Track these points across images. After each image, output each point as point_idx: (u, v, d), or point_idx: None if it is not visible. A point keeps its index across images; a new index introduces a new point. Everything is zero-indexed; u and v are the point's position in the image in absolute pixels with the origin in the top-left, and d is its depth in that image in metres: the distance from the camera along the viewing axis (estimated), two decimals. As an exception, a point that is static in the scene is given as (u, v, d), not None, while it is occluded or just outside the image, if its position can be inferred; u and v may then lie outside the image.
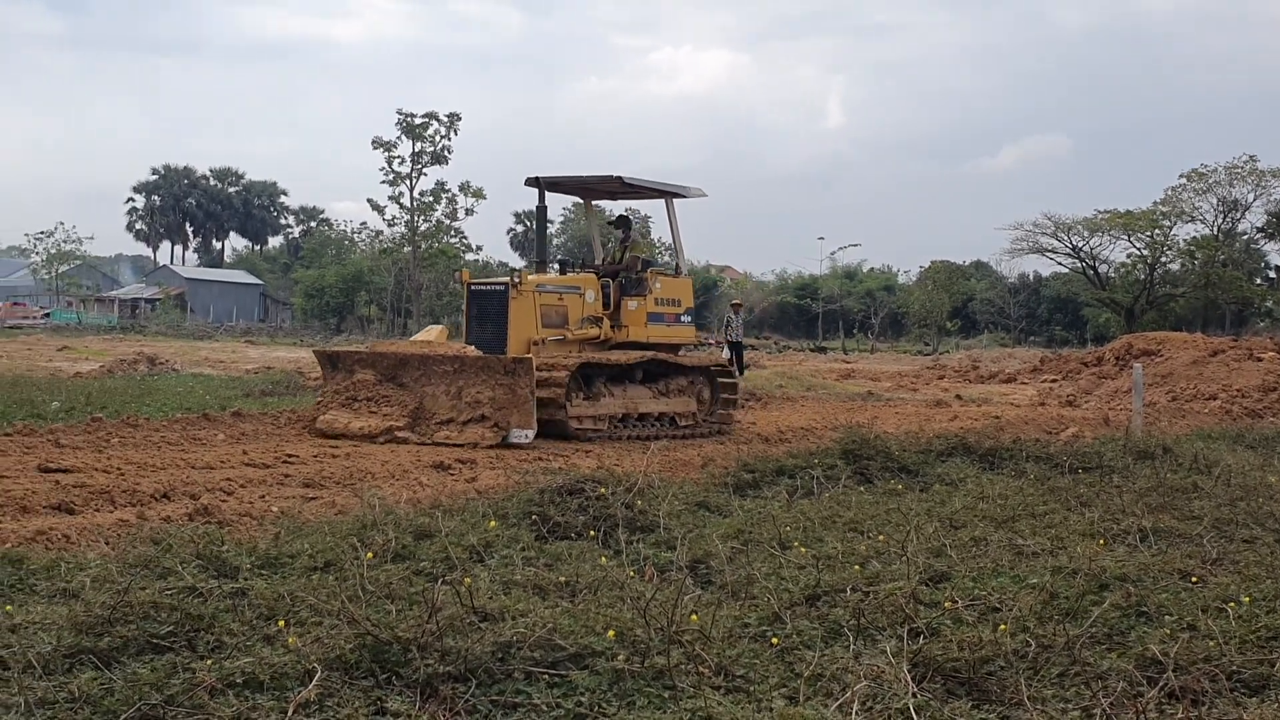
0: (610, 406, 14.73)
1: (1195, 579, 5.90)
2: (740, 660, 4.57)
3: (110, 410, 14.50)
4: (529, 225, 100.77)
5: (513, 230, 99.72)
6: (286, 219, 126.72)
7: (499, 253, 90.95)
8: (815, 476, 9.22)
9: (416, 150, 60.10)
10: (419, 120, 59.66)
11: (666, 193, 16.70)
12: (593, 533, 6.94)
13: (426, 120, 59.75)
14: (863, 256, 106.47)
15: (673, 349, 16.22)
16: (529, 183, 16.00)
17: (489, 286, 15.27)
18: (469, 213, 62.68)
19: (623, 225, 17.53)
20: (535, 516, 7.18)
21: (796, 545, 6.58)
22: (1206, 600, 5.38)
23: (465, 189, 61.81)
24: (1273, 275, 73.33)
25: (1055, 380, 28.92)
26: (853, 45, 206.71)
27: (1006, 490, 8.77)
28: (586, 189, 17.24)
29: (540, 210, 16.31)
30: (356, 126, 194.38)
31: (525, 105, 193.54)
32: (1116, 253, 69.72)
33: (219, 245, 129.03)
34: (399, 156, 60.17)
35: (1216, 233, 67.86)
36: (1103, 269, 70.67)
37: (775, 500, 8.42)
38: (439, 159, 60.46)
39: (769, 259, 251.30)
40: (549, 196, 16.20)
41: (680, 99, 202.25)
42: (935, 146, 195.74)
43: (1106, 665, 4.55)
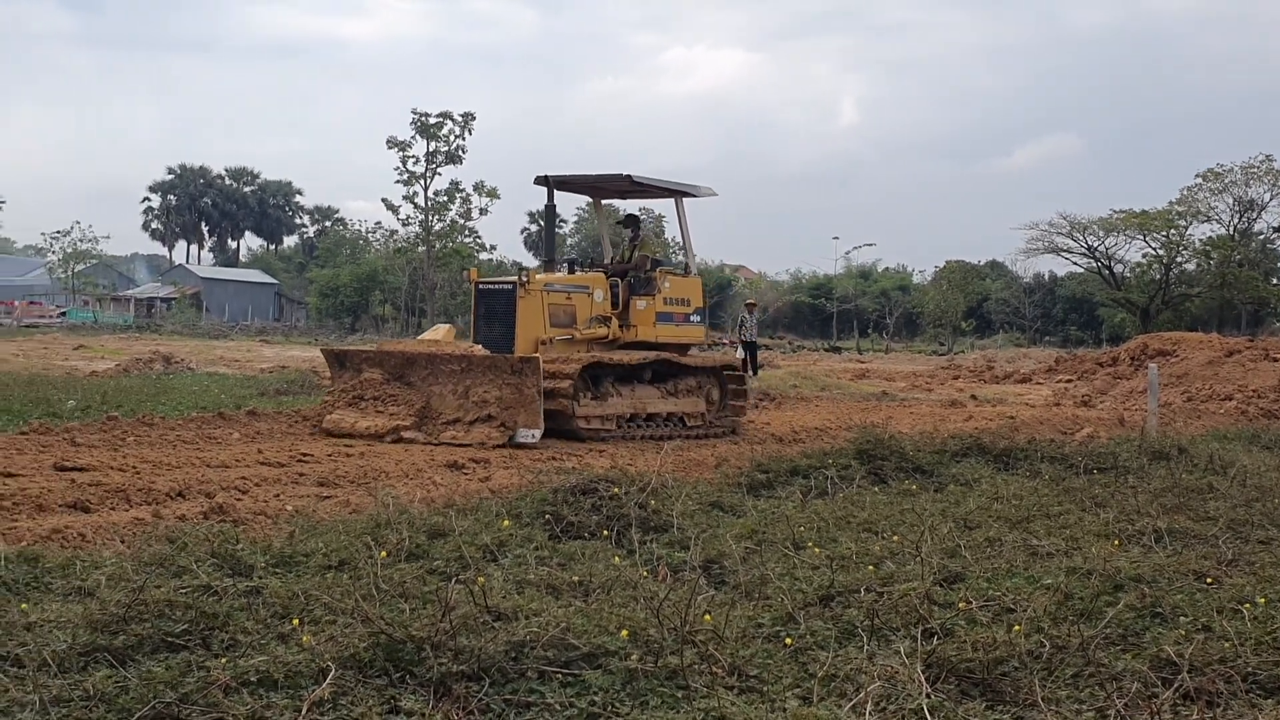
0: (618, 406, 14.65)
1: (1210, 580, 5.87)
2: (754, 660, 4.56)
3: (126, 409, 14.55)
4: (542, 225, 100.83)
5: (526, 230, 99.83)
6: (301, 218, 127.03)
7: (513, 252, 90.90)
8: (829, 477, 9.20)
9: (431, 150, 60.19)
10: (433, 120, 59.76)
11: (676, 191, 16.63)
12: (606, 532, 6.94)
13: (441, 120, 59.84)
14: (877, 256, 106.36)
15: (682, 349, 16.14)
16: (538, 181, 15.97)
17: (497, 286, 15.18)
18: (483, 212, 62.80)
19: (632, 224, 17.44)
20: (549, 516, 7.18)
21: (810, 545, 6.58)
22: (1222, 601, 5.36)
23: (479, 188, 61.89)
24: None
25: (1070, 380, 28.82)
26: (867, 44, 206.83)
27: (1021, 491, 8.76)
28: (596, 188, 17.18)
29: (549, 209, 16.30)
30: (371, 126, 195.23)
31: (539, 104, 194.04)
32: (1132, 252, 69.59)
33: (234, 244, 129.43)
34: (413, 156, 60.30)
35: (1232, 232, 67.56)
36: (1118, 269, 70.50)
37: (789, 500, 8.41)
38: (453, 158, 60.55)
39: (783, 259, 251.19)
40: (559, 196, 16.19)
41: (693, 98, 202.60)
42: (950, 146, 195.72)
43: (1121, 666, 4.54)
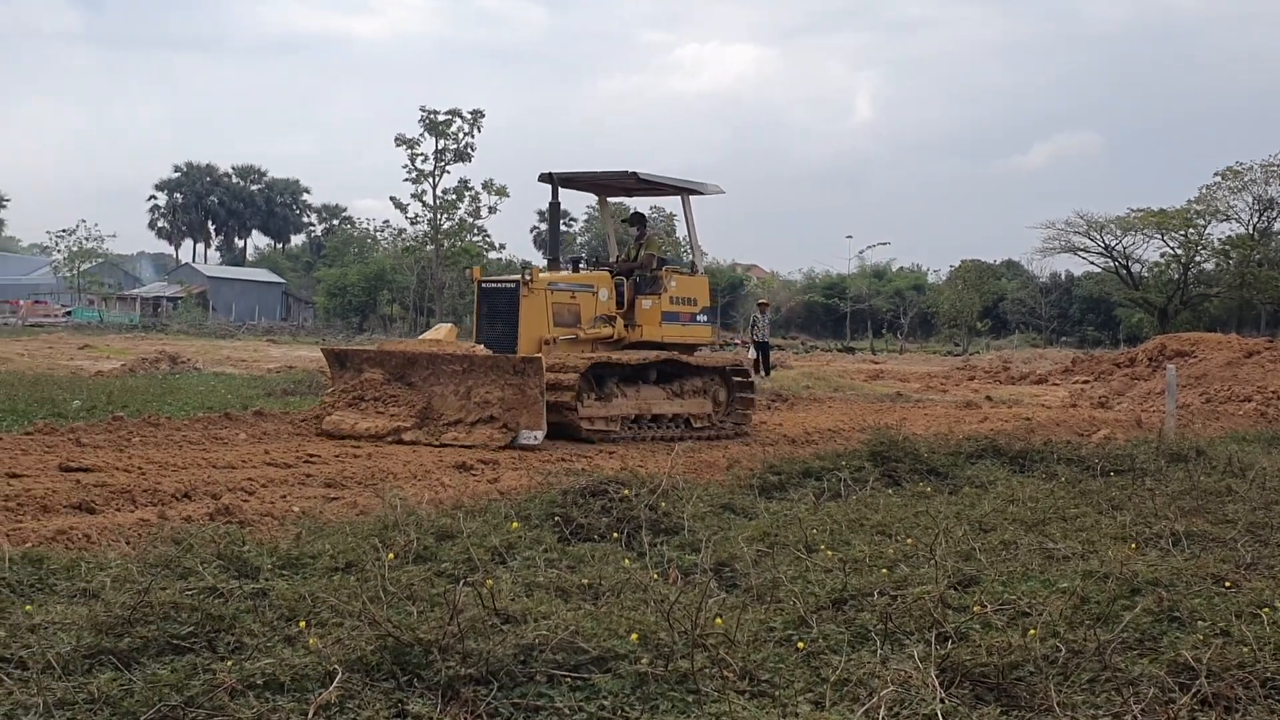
0: (623, 407, 14.53)
1: (1229, 584, 5.83)
2: (765, 665, 4.53)
3: (131, 409, 14.55)
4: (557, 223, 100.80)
5: (536, 229, 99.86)
6: (309, 217, 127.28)
7: (523, 251, 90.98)
8: (842, 478, 9.15)
9: (439, 148, 60.18)
10: (442, 117, 59.75)
11: (682, 189, 16.53)
12: (616, 535, 6.90)
13: (450, 117, 59.84)
14: (892, 255, 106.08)
15: (688, 349, 16.03)
16: (542, 179, 15.88)
17: (500, 284, 15.07)
18: (492, 211, 62.75)
19: (638, 223, 17.37)
20: (558, 518, 7.14)
21: (823, 548, 6.53)
22: (1240, 605, 5.31)
23: (488, 187, 61.89)
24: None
25: (1087, 381, 28.78)
26: (882, 41, 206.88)
27: (1037, 493, 8.72)
28: (601, 185, 17.07)
29: (553, 206, 16.17)
30: (379, 124, 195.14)
31: (548, 102, 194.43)
32: (1150, 252, 69.48)
33: (241, 243, 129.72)
34: (422, 154, 60.29)
35: (1252, 231, 67.35)
36: (1136, 268, 70.39)
37: (802, 502, 8.38)
38: (462, 156, 60.55)
39: (796, 258, 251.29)
40: (567, 194, 16.11)
41: (705, 95, 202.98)
42: (965, 144, 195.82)
43: (1138, 671, 4.49)
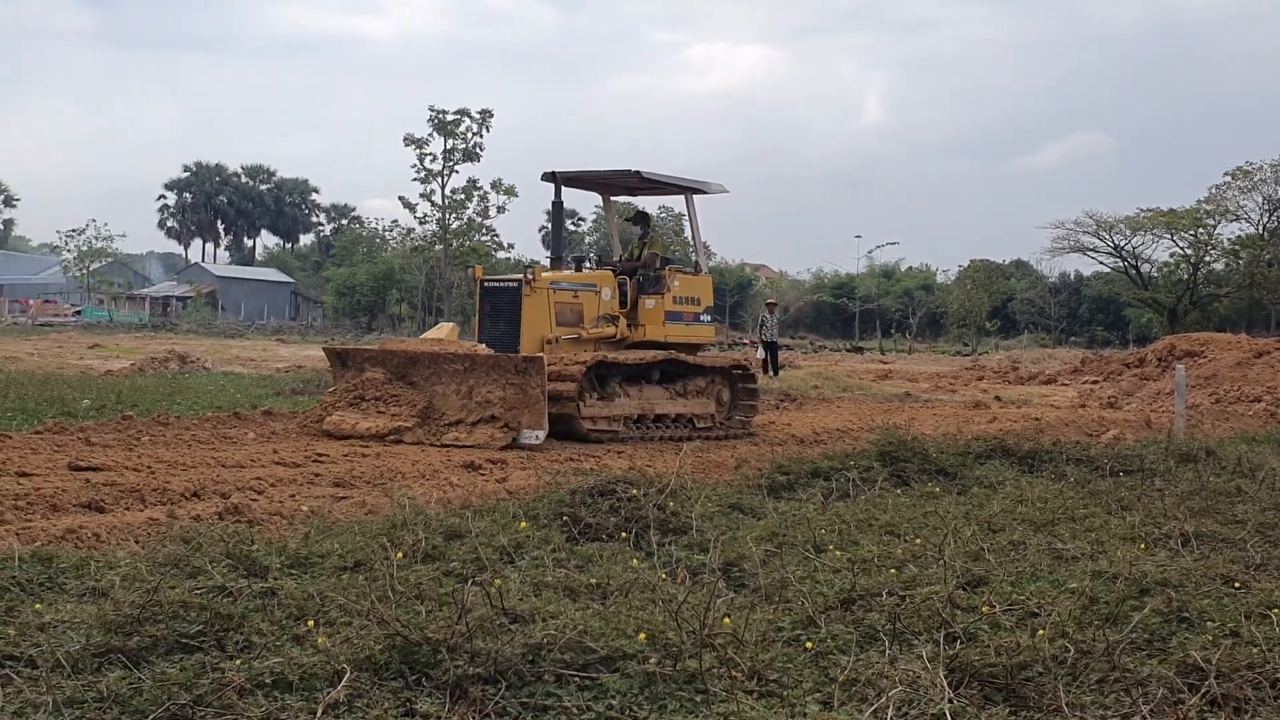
0: (625, 407, 14.47)
1: (1238, 584, 5.81)
2: (774, 665, 4.52)
3: (141, 408, 14.56)
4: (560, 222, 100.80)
5: (544, 228, 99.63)
6: (318, 216, 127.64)
7: (531, 250, 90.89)
8: (851, 478, 9.14)
9: (448, 147, 60.22)
10: (451, 117, 59.78)
11: (686, 188, 16.47)
12: (624, 534, 6.89)
13: (458, 117, 59.87)
14: (901, 255, 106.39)
15: (691, 349, 15.95)
16: (545, 177, 15.81)
17: (502, 283, 15.01)
18: (500, 210, 62.80)
19: (641, 222, 17.33)
20: (566, 517, 7.13)
21: (831, 548, 6.52)
22: (1250, 606, 5.30)
23: (497, 186, 61.94)
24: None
25: (1096, 382, 28.73)
26: (892, 41, 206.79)
27: (1046, 493, 8.70)
28: (604, 184, 16.97)
29: (556, 206, 16.04)
30: (388, 123, 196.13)
31: (557, 102, 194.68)
32: (1159, 252, 69.50)
33: (250, 243, 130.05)
34: (430, 154, 60.32)
35: (1262, 231, 67.25)
36: (1145, 268, 70.34)
37: (810, 502, 8.36)
38: (471, 156, 60.57)
39: (805, 257, 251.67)
40: (573, 193, 16.04)
41: (714, 95, 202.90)
42: (975, 144, 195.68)
43: (1147, 672, 4.48)
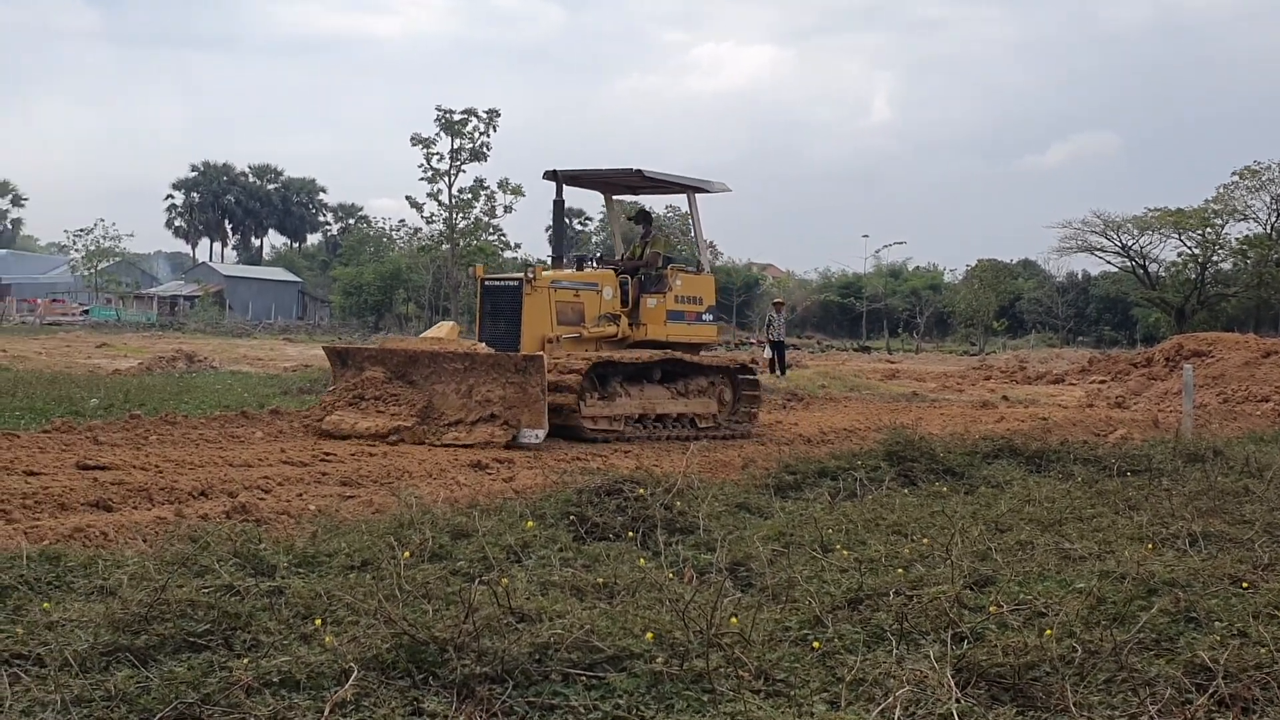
0: (626, 407, 14.41)
1: (1246, 584, 5.79)
2: (781, 664, 4.51)
3: (149, 408, 14.59)
4: (568, 222, 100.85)
5: (551, 228, 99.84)
6: (325, 216, 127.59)
7: (538, 250, 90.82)
8: (858, 478, 9.12)
9: (455, 147, 60.11)
10: (458, 117, 59.70)
11: (688, 187, 16.43)
12: (631, 534, 6.90)
13: (465, 117, 59.78)
14: (908, 255, 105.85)
15: (693, 348, 15.88)
16: (547, 176, 15.80)
17: (502, 282, 14.96)
18: (508, 210, 62.73)
19: (643, 221, 17.29)
20: (573, 517, 7.13)
21: (839, 548, 6.52)
22: (1257, 606, 5.29)
23: (504, 186, 61.88)
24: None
25: (1104, 381, 28.67)
26: (899, 41, 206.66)
27: (1053, 493, 8.69)
28: (606, 183, 16.96)
29: (558, 204, 16.02)
30: (395, 123, 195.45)
31: (565, 101, 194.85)
32: (1167, 251, 69.32)
33: (258, 242, 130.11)
34: (438, 153, 60.19)
35: (1270, 231, 67.04)
36: (1153, 268, 70.19)
37: (817, 502, 8.35)
38: (478, 156, 60.48)
39: (812, 257, 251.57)
40: (579, 193, 16.01)
41: (722, 95, 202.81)
42: (983, 143, 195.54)
43: (1154, 672, 4.47)
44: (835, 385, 26.88)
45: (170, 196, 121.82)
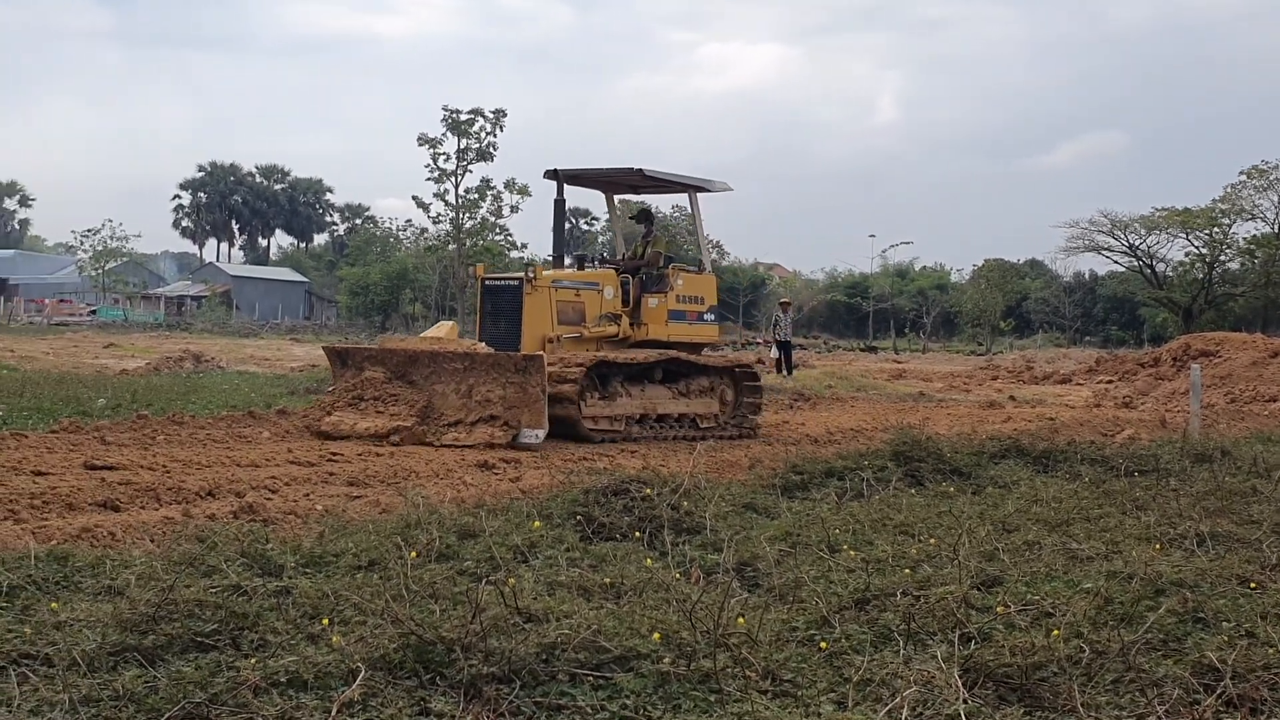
0: (627, 407, 14.36)
1: (1254, 585, 5.78)
2: (788, 664, 4.51)
3: (156, 407, 14.59)
4: (573, 222, 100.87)
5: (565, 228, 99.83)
6: (332, 216, 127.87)
7: (545, 250, 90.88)
8: (865, 478, 9.11)
9: (462, 147, 60.11)
10: (464, 117, 59.70)
11: (689, 186, 16.40)
12: (638, 534, 6.89)
13: (472, 117, 59.79)
14: (915, 254, 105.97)
15: (694, 348, 15.84)
16: (548, 175, 15.76)
17: (502, 281, 14.91)
18: (514, 210, 62.72)
19: (645, 220, 17.23)
20: (580, 517, 7.12)
21: (846, 548, 6.51)
22: (1265, 606, 5.28)
23: (510, 186, 61.87)
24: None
25: (1111, 381, 28.63)
26: (906, 40, 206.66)
27: (1061, 493, 8.67)
28: (607, 182, 16.90)
29: (558, 203, 15.93)
30: (402, 123, 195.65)
31: (572, 101, 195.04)
32: (1174, 251, 69.16)
33: (265, 242, 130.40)
34: (444, 153, 60.19)
35: (1277, 230, 66.85)
36: (1160, 268, 70.03)
37: (824, 502, 8.33)
38: (484, 156, 60.45)
39: (818, 257, 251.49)
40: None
41: (728, 94, 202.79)
42: (990, 143, 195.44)
43: (1162, 672, 4.46)
44: (842, 385, 26.86)
45: (177, 197, 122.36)
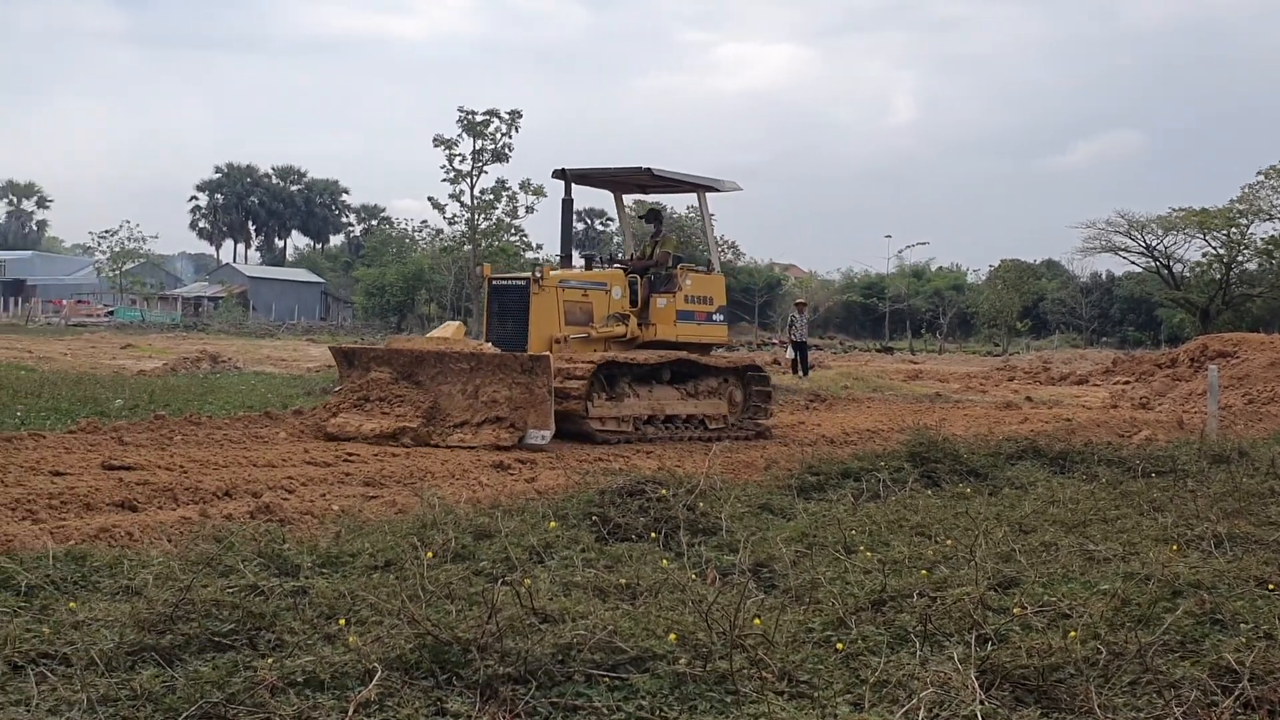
0: (635, 408, 14.28)
1: (1272, 586, 5.76)
2: (804, 666, 4.50)
3: (173, 408, 14.64)
4: (589, 222, 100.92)
5: (574, 228, 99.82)
6: (348, 217, 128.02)
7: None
8: (881, 479, 9.09)
9: (477, 148, 60.19)
10: (480, 118, 59.78)
11: (698, 185, 16.35)
12: (654, 534, 6.89)
13: (487, 118, 59.86)
14: (931, 255, 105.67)
15: (703, 349, 15.77)
16: (556, 175, 15.74)
17: (510, 281, 14.86)
18: (529, 210, 62.77)
19: (654, 220, 17.17)
20: (596, 517, 7.13)
21: (862, 549, 6.50)
22: (1283, 608, 5.25)
23: (525, 187, 61.91)
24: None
25: (1128, 382, 28.51)
26: (922, 40, 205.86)
27: (1077, 494, 8.66)
28: (615, 182, 16.86)
29: (566, 203, 15.89)
30: (418, 124, 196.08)
31: (588, 102, 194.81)
32: (1191, 251, 68.73)
33: (281, 243, 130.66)
34: (460, 154, 60.30)
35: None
36: (1177, 268, 69.68)
37: (840, 503, 8.32)
38: (500, 157, 60.51)
39: (835, 257, 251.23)
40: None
41: (745, 94, 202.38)
42: (1006, 143, 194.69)
43: (1179, 674, 4.44)
44: (858, 386, 26.82)
45: (194, 198, 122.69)
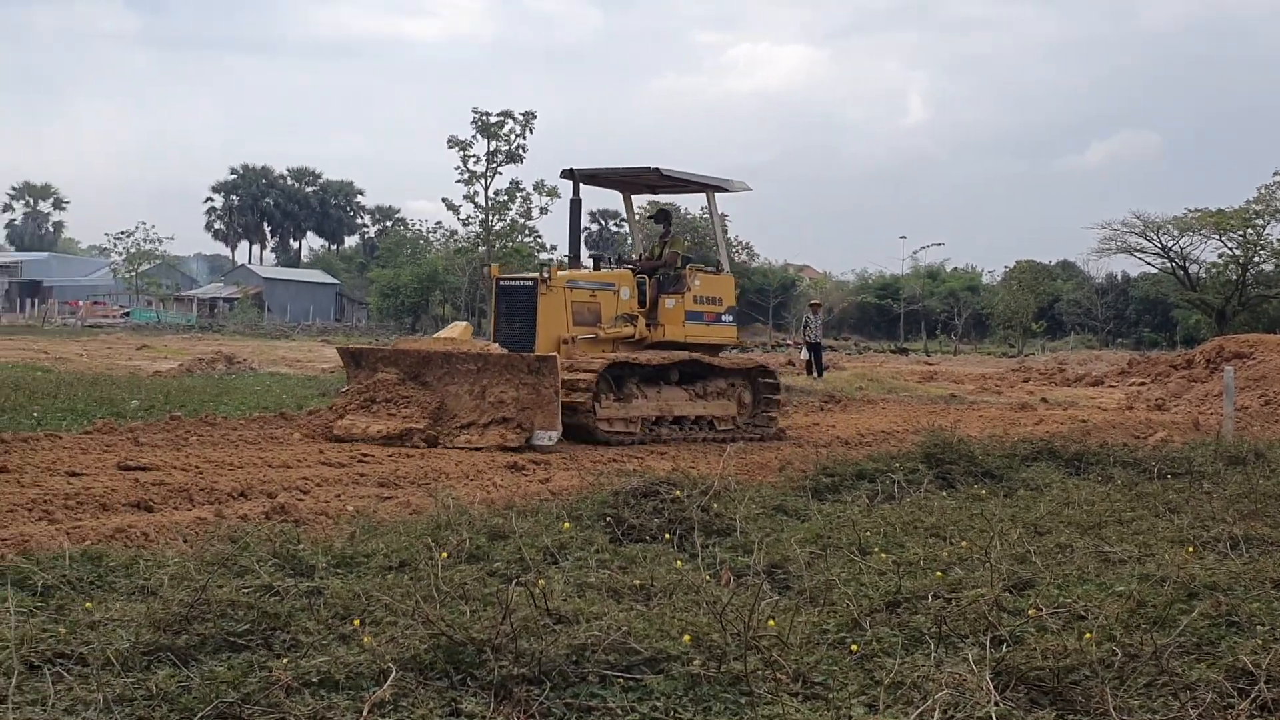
0: (643, 409, 14.23)
1: (1289, 588, 5.73)
2: (819, 667, 4.50)
3: (189, 409, 14.69)
4: (604, 224, 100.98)
5: (587, 229, 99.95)
6: (362, 218, 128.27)
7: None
8: (896, 480, 9.08)
9: (491, 149, 60.28)
10: (494, 119, 59.85)
11: (706, 185, 16.31)
12: (668, 536, 6.89)
13: (502, 119, 59.93)
14: (946, 256, 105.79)
15: (712, 349, 15.73)
16: (564, 175, 15.69)
17: (517, 282, 14.83)
18: (543, 211, 62.82)
19: (663, 220, 17.14)
20: (610, 518, 7.13)
21: (877, 550, 6.49)
22: (1301, 610, 5.22)
23: (540, 188, 61.98)
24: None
25: (1143, 383, 28.45)
26: (935, 40, 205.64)
27: (1093, 496, 8.63)
28: (624, 182, 16.79)
29: (574, 203, 15.83)
30: (432, 125, 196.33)
31: (602, 103, 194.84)
32: (1207, 252, 68.43)
33: (296, 245, 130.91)
34: (474, 155, 60.40)
35: (1312, 232, 66.23)
36: (1193, 269, 69.39)
37: (855, 504, 8.31)
38: (514, 158, 60.57)
39: (849, 258, 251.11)
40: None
41: (758, 95, 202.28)
42: (1021, 144, 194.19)
43: (1195, 676, 4.42)
44: (873, 387, 26.80)
45: (210, 199, 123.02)
